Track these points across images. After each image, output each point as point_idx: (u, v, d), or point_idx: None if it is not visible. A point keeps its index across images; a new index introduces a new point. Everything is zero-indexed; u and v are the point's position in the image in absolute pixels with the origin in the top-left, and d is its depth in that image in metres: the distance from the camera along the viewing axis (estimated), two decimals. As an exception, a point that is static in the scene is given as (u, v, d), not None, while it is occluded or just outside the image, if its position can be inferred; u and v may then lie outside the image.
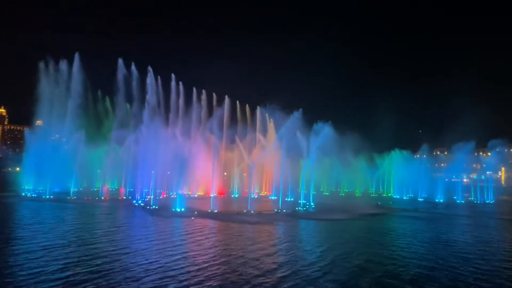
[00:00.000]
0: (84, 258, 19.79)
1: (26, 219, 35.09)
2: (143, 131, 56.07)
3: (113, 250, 21.93)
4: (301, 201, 52.26)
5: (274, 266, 19.38)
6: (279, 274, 17.74)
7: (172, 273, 17.44)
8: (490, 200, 73.96)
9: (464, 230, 35.74)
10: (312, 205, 51.46)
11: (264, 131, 72.46)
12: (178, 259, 20.21)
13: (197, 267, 18.64)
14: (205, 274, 17.37)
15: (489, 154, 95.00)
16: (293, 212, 45.33)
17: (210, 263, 19.52)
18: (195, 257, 20.97)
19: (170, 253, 21.74)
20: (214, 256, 21.28)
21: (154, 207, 46.62)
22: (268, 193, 70.14)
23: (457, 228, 37.33)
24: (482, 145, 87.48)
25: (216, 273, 17.68)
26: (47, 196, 59.71)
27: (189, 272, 17.73)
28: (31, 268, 17.53)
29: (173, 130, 63.53)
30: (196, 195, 63.42)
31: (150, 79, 67.58)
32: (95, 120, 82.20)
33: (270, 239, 28.11)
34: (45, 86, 70.38)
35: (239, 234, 29.16)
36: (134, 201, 52.05)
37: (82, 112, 73.02)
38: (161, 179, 58.35)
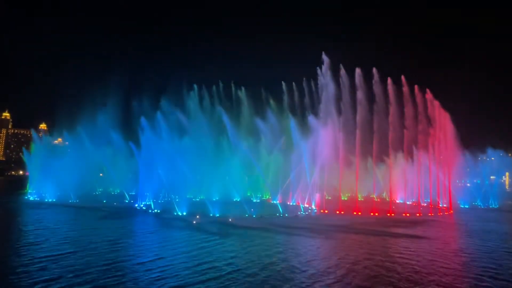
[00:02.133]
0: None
1: (30, 224, 35.03)
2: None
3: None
4: (303, 205, 52.03)
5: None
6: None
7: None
8: (494, 205, 73.34)
9: None
10: (314, 210, 51.22)
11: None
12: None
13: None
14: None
15: (493, 159, 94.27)
16: (295, 216, 45.13)
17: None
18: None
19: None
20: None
21: (156, 210, 46.64)
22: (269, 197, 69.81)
23: None
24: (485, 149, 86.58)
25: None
26: (50, 200, 59.89)
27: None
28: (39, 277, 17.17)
29: None
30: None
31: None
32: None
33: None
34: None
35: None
36: (136, 205, 52.07)
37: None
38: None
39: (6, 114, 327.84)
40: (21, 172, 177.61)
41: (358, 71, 61.19)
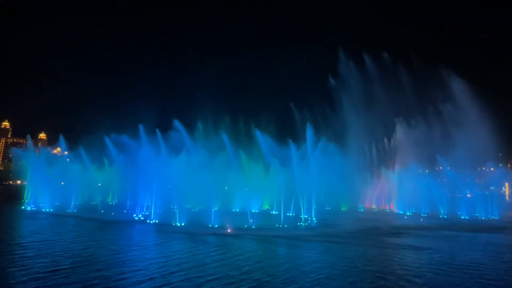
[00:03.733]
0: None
1: (28, 236, 34.00)
2: None
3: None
4: (303, 216, 51.65)
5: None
6: None
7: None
8: (494, 216, 72.89)
9: None
10: (314, 220, 50.85)
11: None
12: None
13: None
14: None
15: (492, 169, 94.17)
16: (296, 227, 44.75)
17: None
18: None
19: None
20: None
21: (154, 221, 46.24)
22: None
23: None
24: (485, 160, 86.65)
25: None
26: (47, 210, 59.37)
27: None
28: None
29: None
30: None
31: None
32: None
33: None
34: None
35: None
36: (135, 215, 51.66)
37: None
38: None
39: (5, 124, 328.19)
40: (18, 182, 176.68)
41: None
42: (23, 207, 62.20)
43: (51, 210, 59.39)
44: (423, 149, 74.51)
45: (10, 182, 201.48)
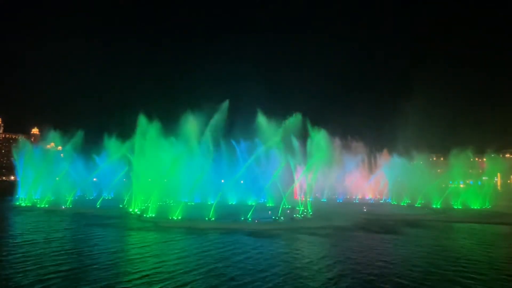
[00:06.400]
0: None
1: (21, 234, 32.90)
2: None
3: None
4: (300, 208, 51.96)
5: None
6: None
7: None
8: (486, 206, 73.83)
9: None
10: (310, 212, 51.18)
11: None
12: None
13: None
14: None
15: (485, 160, 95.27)
16: (291, 219, 44.98)
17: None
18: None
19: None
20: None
21: (151, 215, 46.22)
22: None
23: None
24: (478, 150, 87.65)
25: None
26: (42, 206, 59.03)
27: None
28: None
29: None
30: None
31: None
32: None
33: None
34: None
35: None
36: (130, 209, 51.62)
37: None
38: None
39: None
40: (12, 178, 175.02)
41: None
42: (17, 203, 61.80)
43: (46, 205, 59.02)
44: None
45: (4, 178, 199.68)
